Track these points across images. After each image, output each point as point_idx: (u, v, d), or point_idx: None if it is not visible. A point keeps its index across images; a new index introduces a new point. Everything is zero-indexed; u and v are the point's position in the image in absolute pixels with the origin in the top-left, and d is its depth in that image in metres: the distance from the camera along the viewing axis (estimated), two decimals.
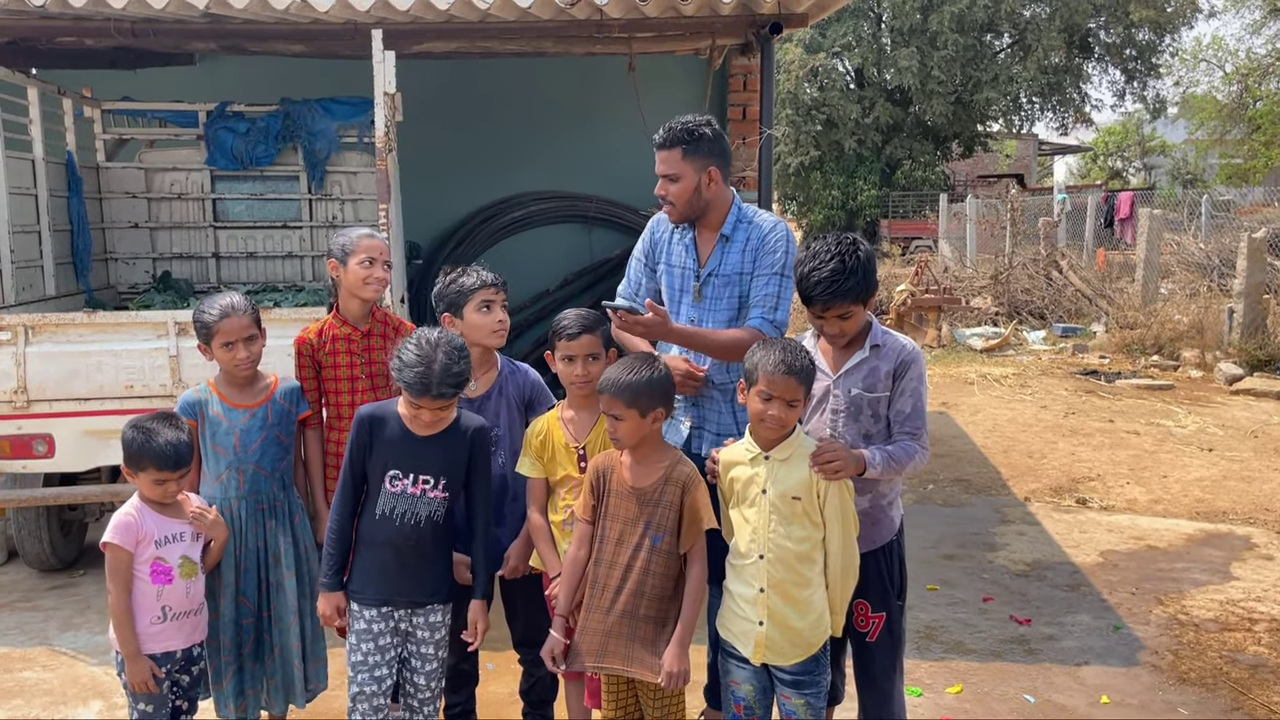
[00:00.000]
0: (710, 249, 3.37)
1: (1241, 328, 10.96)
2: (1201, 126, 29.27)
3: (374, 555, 2.99)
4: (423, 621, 3.05)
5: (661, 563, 2.84)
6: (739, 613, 2.84)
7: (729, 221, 3.34)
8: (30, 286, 5.68)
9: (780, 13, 5.20)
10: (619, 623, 2.86)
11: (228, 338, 3.15)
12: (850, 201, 27.12)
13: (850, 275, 2.81)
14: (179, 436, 2.94)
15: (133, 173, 6.83)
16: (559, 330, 3.16)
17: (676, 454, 2.93)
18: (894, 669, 3.08)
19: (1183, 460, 7.45)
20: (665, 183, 3.28)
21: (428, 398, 2.82)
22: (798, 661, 2.79)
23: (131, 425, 2.94)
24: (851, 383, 2.94)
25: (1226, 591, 5.06)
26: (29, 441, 4.50)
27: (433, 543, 3.01)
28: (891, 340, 2.98)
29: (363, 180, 6.84)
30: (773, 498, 2.76)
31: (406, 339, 2.91)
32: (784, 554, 2.76)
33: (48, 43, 5.52)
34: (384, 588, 2.99)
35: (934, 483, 6.93)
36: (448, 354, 2.83)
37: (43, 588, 5.19)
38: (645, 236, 3.59)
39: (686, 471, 2.85)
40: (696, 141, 3.22)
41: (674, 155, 3.24)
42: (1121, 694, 4.01)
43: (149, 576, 2.93)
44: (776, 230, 3.32)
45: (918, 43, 25.51)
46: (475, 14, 4.97)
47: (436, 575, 3.05)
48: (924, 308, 13.22)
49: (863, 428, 2.95)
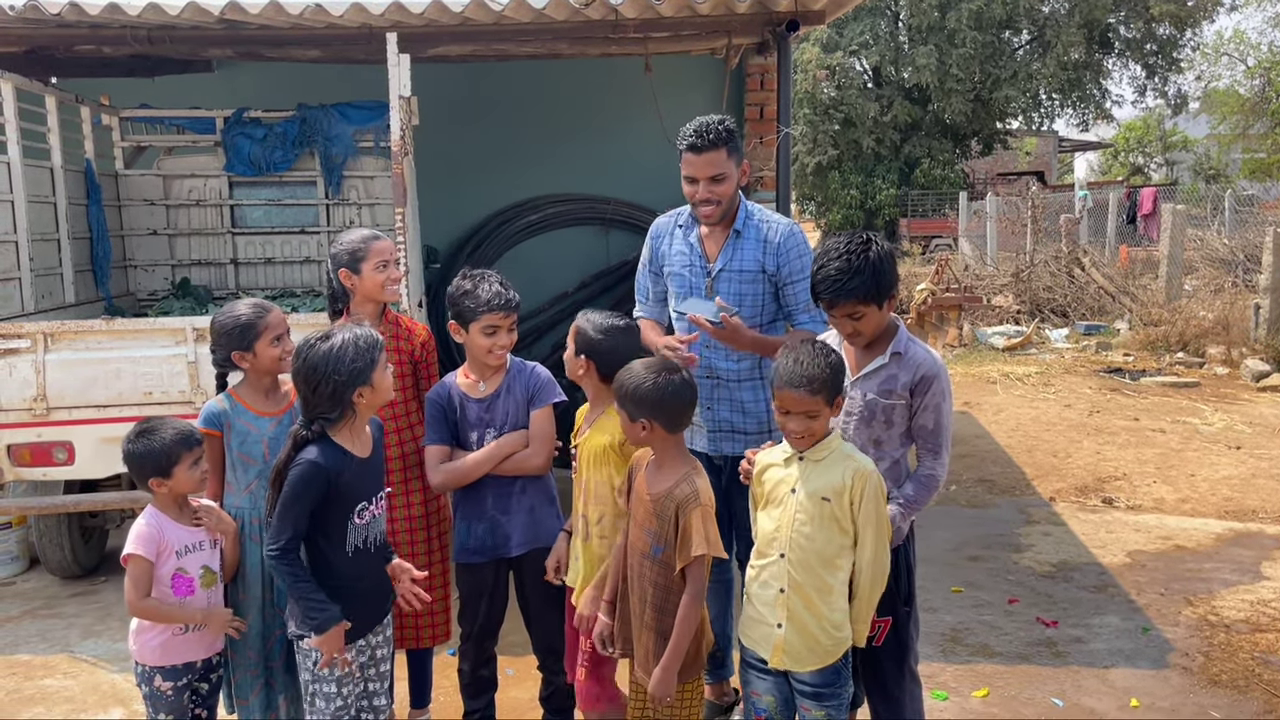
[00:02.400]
0: (720, 245, 3.41)
1: (1268, 324, 10.81)
2: (1224, 121, 28.94)
3: (353, 592, 2.85)
4: (381, 639, 3.01)
5: (661, 574, 2.79)
6: (758, 617, 2.80)
7: (739, 217, 3.40)
8: (50, 294, 5.70)
9: (797, 10, 5.15)
10: (635, 621, 2.87)
11: (277, 331, 3.09)
12: (869, 201, 27.02)
13: (855, 274, 2.77)
14: (178, 424, 2.91)
15: (151, 180, 6.86)
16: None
17: (689, 470, 2.82)
18: (902, 674, 3.03)
19: (1210, 458, 7.35)
20: (710, 184, 3.28)
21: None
22: (816, 671, 2.73)
23: (137, 436, 2.89)
24: (868, 387, 2.91)
25: (1257, 591, 4.98)
26: (49, 449, 4.51)
27: (386, 553, 3.02)
28: (914, 351, 2.92)
29: (380, 184, 6.84)
30: (801, 497, 2.71)
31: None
32: (806, 555, 2.70)
33: (65, 51, 5.54)
34: (366, 621, 2.92)
35: (957, 484, 6.85)
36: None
37: (64, 595, 5.21)
38: (647, 244, 3.63)
39: (687, 491, 2.75)
40: (734, 139, 3.30)
41: (720, 155, 3.26)
42: (1151, 697, 3.94)
43: (171, 588, 2.91)
44: (795, 234, 3.40)
45: (936, 40, 25.37)
46: (490, 16, 4.95)
47: (387, 585, 3.04)
48: (945, 307, 13.11)
49: (874, 433, 2.92)
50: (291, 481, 2.73)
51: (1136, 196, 24.36)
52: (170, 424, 2.92)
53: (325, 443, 2.77)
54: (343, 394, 2.75)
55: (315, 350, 2.76)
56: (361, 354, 2.75)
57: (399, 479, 3.41)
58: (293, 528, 2.73)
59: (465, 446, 3.27)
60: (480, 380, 3.27)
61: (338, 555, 2.82)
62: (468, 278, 3.26)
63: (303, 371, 2.76)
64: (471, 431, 3.26)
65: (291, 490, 2.73)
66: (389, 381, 2.86)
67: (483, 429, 3.25)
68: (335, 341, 2.75)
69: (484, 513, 3.27)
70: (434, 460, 3.26)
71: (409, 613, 3.33)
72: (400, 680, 3.56)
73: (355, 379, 2.74)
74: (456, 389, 3.28)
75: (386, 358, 2.86)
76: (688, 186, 3.34)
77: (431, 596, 3.42)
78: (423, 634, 3.50)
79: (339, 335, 2.77)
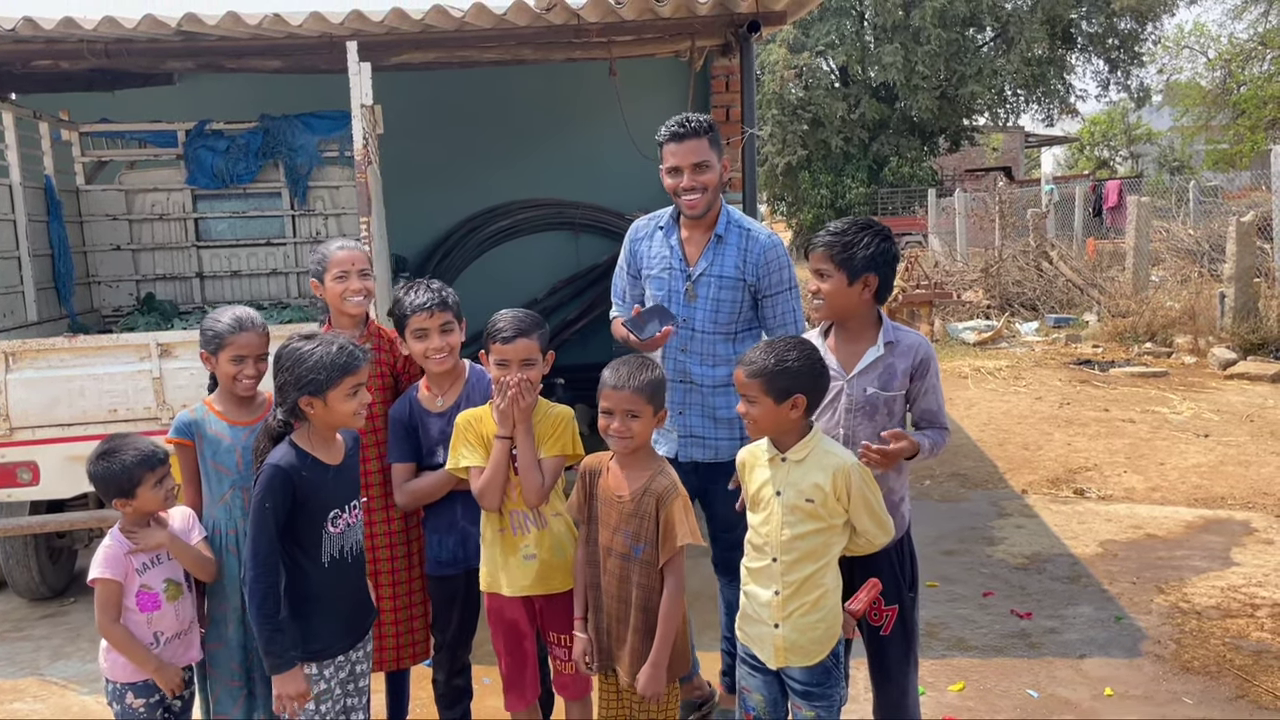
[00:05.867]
0: (700, 248, 3.39)
1: (1233, 312, 10.95)
2: (1186, 113, 29.36)
3: (333, 605, 2.82)
4: (361, 654, 2.97)
5: (644, 574, 2.79)
6: (755, 616, 2.80)
7: (721, 221, 3.39)
8: (11, 313, 5.63)
9: (759, 11, 5.16)
10: (616, 628, 2.85)
11: (240, 352, 3.03)
12: (839, 200, 27.15)
13: (838, 234, 2.87)
14: (140, 443, 2.88)
15: (113, 195, 6.79)
16: (492, 333, 2.98)
17: (661, 464, 2.87)
18: (907, 661, 3.04)
19: (1179, 447, 7.43)
20: (694, 172, 3.28)
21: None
22: (807, 668, 2.73)
23: (98, 458, 2.85)
24: (866, 382, 2.91)
25: (1227, 578, 5.03)
26: (13, 470, 4.44)
27: (364, 565, 2.99)
28: (904, 336, 2.95)
29: (346, 194, 6.80)
30: (786, 500, 2.71)
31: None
32: (797, 557, 2.71)
33: (23, 67, 5.46)
34: (345, 635, 2.87)
35: (931, 478, 6.89)
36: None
37: (33, 617, 5.13)
38: (625, 246, 3.60)
39: (665, 484, 2.79)
40: (716, 133, 3.32)
41: (703, 144, 3.28)
42: (1125, 685, 3.97)
43: (137, 606, 2.87)
44: (778, 247, 3.41)
45: (901, 39, 25.55)
46: (451, 22, 4.93)
47: (368, 600, 3.01)
48: (915, 303, 13.18)
49: (877, 426, 2.91)
50: (256, 487, 2.72)
51: (1102, 189, 24.64)
52: (132, 444, 2.87)
53: (289, 445, 2.76)
54: (287, 393, 2.72)
55: (290, 344, 2.77)
56: (322, 368, 2.70)
57: (378, 492, 3.34)
58: (265, 536, 2.68)
59: (430, 461, 3.21)
60: (439, 394, 3.22)
61: (314, 567, 2.78)
62: (402, 288, 3.23)
63: (274, 359, 2.80)
64: (436, 446, 3.20)
65: (256, 495, 2.71)
66: (348, 409, 2.75)
67: (447, 443, 3.17)
68: (308, 346, 2.74)
69: (454, 524, 3.24)
70: (398, 479, 3.22)
71: (386, 634, 3.32)
72: (377, 693, 3.53)
73: (303, 386, 2.70)
74: (417, 403, 3.23)
75: (358, 385, 2.76)
76: (670, 179, 3.31)
77: (412, 613, 3.40)
78: (403, 654, 3.44)
79: (318, 343, 2.75)
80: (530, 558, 3.02)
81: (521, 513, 3.02)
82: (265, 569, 2.69)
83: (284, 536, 2.73)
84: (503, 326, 2.96)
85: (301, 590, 2.77)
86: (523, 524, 3.02)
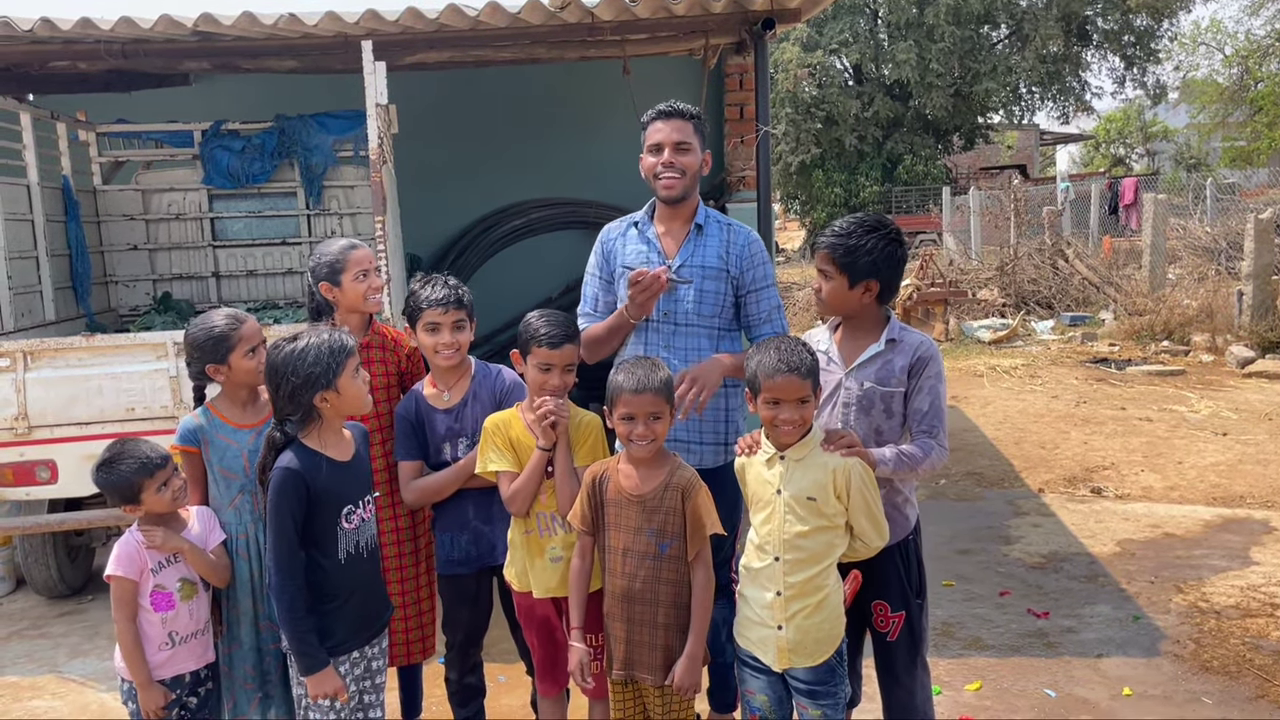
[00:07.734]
0: (679, 241, 3.32)
1: (1251, 310, 10.87)
2: (1203, 110, 29.11)
3: (350, 601, 2.83)
4: (377, 649, 2.97)
5: (673, 570, 2.79)
6: (755, 619, 2.78)
7: (700, 213, 3.33)
8: (29, 312, 5.66)
9: (773, 9, 5.15)
10: (641, 632, 2.82)
11: (252, 343, 3.04)
12: (853, 198, 27.08)
13: (842, 236, 2.85)
14: (139, 450, 2.86)
15: (130, 195, 6.83)
16: (536, 337, 2.93)
17: (676, 460, 2.88)
18: (915, 665, 3.03)
19: (1197, 446, 7.37)
20: (675, 151, 3.22)
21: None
22: (811, 668, 2.73)
23: (99, 468, 2.85)
24: (864, 376, 2.91)
25: (1247, 577, 4.99)
26: (31, 468, 4.47)
27: (379, 560, 3.00)
28: (909, 336, 2.94)
29: (360, 194, 6.82)
30: (787, 499, 2.71)
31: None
32: (800, 555, 2.70)
33: (40, 68, 5.50)
34: (361, 630, 2.88)
35: (946, 477, 6.86)
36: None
37: (51, 615, 5.17)
38: (596, 249, 3.49)
39: (687, 476, 2.80)
40: (702, 123, 3.28)
41: (688, 127, 3.24)
42: (1144, 685, 3.94)
43: (151, 605, 2.88)
44: (758, 243, 3.37)
45: (915, 36, 25.48)
46: (465, 21, 4.94)
47: (385, 594, 3.02)
48: (930, 302, 13.15)
49: (874, 422, 2.90)
50: (270, 492, 2.72)
51: (1118, 187, 24.48)
52: (130, 452, 2.86)
53: (297, 446, 2.76)
54: (300, 396, 2.72)
55: (278, 351, 2.75)
56: (323, 359, 2.71)
57: (385, 490, 3.35)
58: (285, 540, 2.69)
59: (438, 458, 3.22)
60: (445, 389, 3.22)
61: (331, 564, 2.79)
62: (419, 281, 3.23)
63: (266, 372, 2.78)
64: (443, 443, 3.20)
65: (271, 501, 2.72)
66: (359, 389, 2.79)
67: (454, 439, 3.20)
68: (299, 344, 2.73)
69: (466, 523, 3.24)
70: (405, 477, 3.22)
71: (396, 629, 3.32)
72: (391, 690, 3.53)
73: (313, 383, 2.71)
74: (423, 400, 3.23)
75: (357, 364, 2.80)
76: (651, 157, 3.24)
77: (420, 609, 3.41)
78: (413, 649, 3.45)
79: (304, 338, 2.75)
80: (557, 559, 3.02)
81: (548, 515, 3.02)
82: (289, 574, 2.70)
83: (301, 536, 2.74)
84: (549, 331, 2.92)
85: (318, 587, 2.77)
86: (549, 525, 3.03)
